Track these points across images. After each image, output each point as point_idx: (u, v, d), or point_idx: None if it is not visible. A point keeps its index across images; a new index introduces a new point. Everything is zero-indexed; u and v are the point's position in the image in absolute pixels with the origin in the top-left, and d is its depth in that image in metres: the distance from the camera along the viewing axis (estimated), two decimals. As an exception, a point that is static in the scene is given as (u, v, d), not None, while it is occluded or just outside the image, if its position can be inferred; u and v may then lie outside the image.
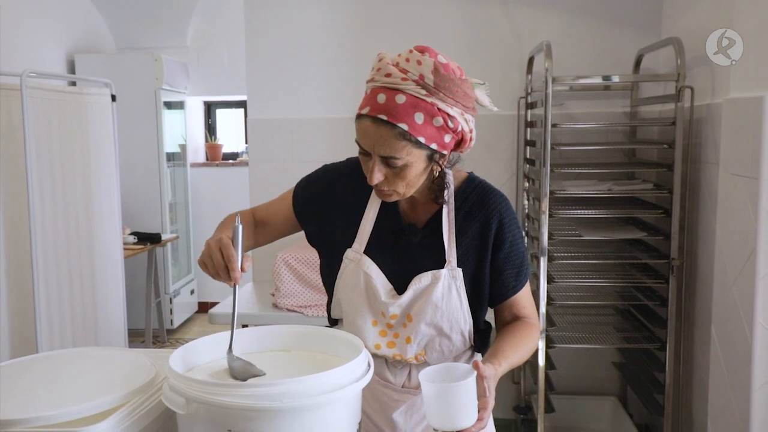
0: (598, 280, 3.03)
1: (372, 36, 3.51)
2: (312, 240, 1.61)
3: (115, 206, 3.83)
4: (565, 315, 3.25)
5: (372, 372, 1.21)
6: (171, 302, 5.41)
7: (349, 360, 1.18)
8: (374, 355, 1.51)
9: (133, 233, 4.72)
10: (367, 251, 1.49)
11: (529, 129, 3.32)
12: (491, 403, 1.25)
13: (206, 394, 1.08)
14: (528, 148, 3.34)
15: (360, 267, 1.48)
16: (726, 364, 2.18)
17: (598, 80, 3.04)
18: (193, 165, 5.96)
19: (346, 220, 1.52)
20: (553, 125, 2.82)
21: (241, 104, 6.02)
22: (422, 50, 1.35)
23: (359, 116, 1.35)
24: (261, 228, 1.62)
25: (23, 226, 3.09)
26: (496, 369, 1.31)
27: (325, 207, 1.55)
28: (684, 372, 2.85)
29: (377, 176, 1.36)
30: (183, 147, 5.77)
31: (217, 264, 1.33)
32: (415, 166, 1.35)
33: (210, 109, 6.32)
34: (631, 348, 3.12)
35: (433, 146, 1.34)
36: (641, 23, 3.30)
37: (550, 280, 2.86)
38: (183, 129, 5.80)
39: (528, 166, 3.30)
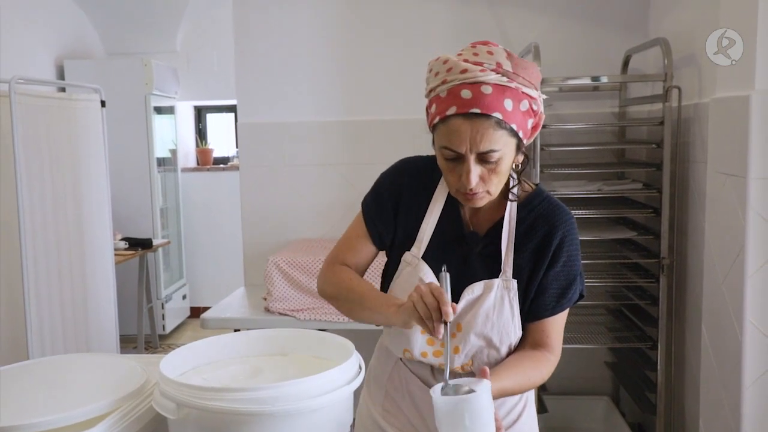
0: (589, 280, 3.03)
1: (360, 39, 3.51)
2: (384, 248, 1.56)
3: (106, 212, 3.82)
4: (556, 315, 3.25)
5: (363, 374, 1.21)
6: (163, 307, 5.39)
7: (340, 363, 1.19)
8: (419, 363, 1.48)
9: (124, 239, 4.71)
10: (425, 256, 1.45)
11: (518, 130, 3.32)
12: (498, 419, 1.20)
13: (197, 399, 1.08)
14: (518, 149, 3.35)
15: (416, 272, 1.44)
16: (717, 361, 2.19)
17: (586, 81, 3.05)
18: (184, 170, 5.95)
19: (407, 223, 1.49)
20: (543, 126, 2.83)
21: (232, 108, 6.01)
22: (484, 43, 1.33)
23: (445, 119, 1.29)
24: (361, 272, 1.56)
25: (13, 232, 3.07)
26: None
27: (392, 215, 1.51)
28: (676, 370, 2.87)
29: (474, 178, 1.31)
30: (173, 152, 5.75)
31: (430, 304, 1.24)
32: (508, 157, 1.32)
33: (200, 113, 6.31)
34: (623, 347, 3.13)
35: (520, 133, 1.32)
36: (628, 24, 3.32)
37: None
38: (173, 134, 5.79)
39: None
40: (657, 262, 2.80)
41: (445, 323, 1.23)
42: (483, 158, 1.30)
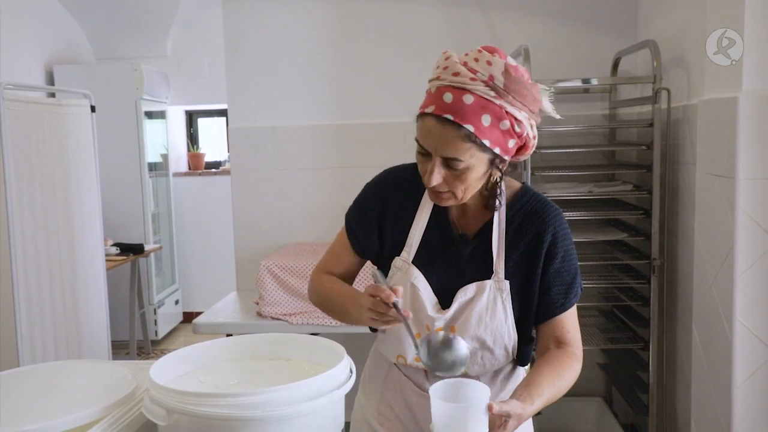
0: (581, 281, 3.04)
1: (352, 43, 3.52)
2: (377, 263, 1.56)
3: (97, 217, 3.81)
4: (549, 317, 3.26)
5: (354, 378, 1.21)
6: (155, 313, 5.38)
7: (331, 367, 1.19)
8: (414, 368, 1.49)
9: (116, 244, 4.69)
10: (416, 261, 1.44)
11: (509, 133, 3.33)
12: None
13: (187, 405, 1.07)
14: (509, 151, 3.36)
15: (407, 277, 1.43)
16: (707, 361, 2.20)
17: (576, 83, 3.06)
18: (176, 174, 5.94)
19: (396, 228, 1.48)
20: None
21: (223, 113, 6.01)
22: (492, 51, 1.29)
23: (422, 114, 1.30)
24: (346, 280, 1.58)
25: (2, 238, 3.06)
26: (525, 408, 1.23)
27: (375, 228, 1.51)
28: (667, 371, 2.87)
29: (436, 178, 1.31)
30: (165, 156, 5.74)
31: (375, 302, 1.30)
32: (476, 169, 1.31)
33: (192, 118, 6.30)
34: (615, 348, 3.14)
35: (497, 150, 1.29)
36: (618, 26, 3.34)
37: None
38: (164, 138, 5.77)
39: (509, 169, 3.31)
40: (648, 264, 2.81)
41: (395, 306, 1.27)
42: (448, 163, 1.30)
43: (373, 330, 1.59)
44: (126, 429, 1.16)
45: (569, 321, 1.46)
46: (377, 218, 1.50)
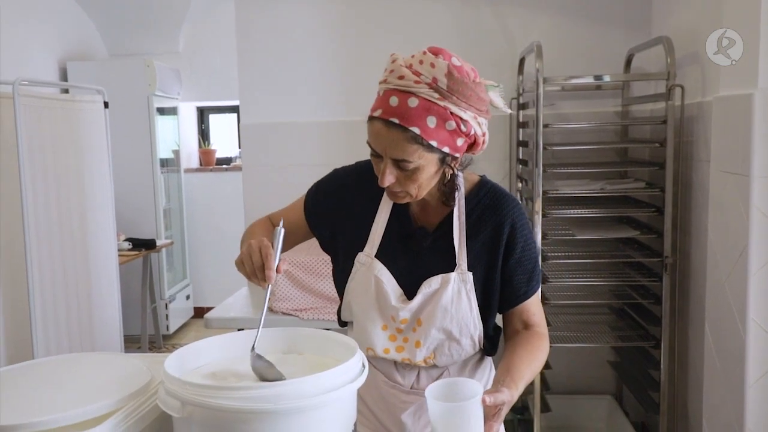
0: (593, 279, 3.04)
1: (363, 39, 3.52)
2: (324, 246, 1.61)
3: (110, 213, 3.83)
4: (559, 314, 3.26)
5: (366, 373, 1.22)
6: (167, 308, 5.41)
7: (343, 361, 1.19)
8: (383, 359, 1.52)
9: (128, 239, 4.72)
10: (378, 255, 1.49)
11: (521, 129, 3.33)
12: (496, 427, 1.24)
13: (202, 397, 1.08)
14: (520, 148, 3.35)
15: (371, 271, 1.48)
16: (720, 360, 2.19)
17: (589, 80, 3.05)
18: (187, 170, 5.97)
19: (358, 224, 1.52)
20: (545, 125, 2.83)
21: (234, 109, 6.03)
22: (436, 52, 1.33)
23: (371, 118, 1.34)
24: None
25: (17, 234, 3.08)
26: (512, 395, 1.28)
27: (336, 212, 1.55)
28: (679, 369, 2.86)
29: (389, 179, 1.35)
30: (176, 152, 5.77)
31: (255, 263, 1.32)
32: (427, 169, 1.35)
33: (203, 114, 6.32)
34: (626, 346, 3.12)
35: (445, 149, 1.33)
36: (631, 23, 3.32)
37: (544, 279, 2.87)
38: (176, 135, 5.80)
39: (521, 166, 3.31)
40: (660, 261, 2.80)
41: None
42: (399, 164, 1.34)
43: (343, 325, 1.63)
44: (141, 420, 1.17)
45: (534, 305, 1.51)
46: (334, 203, 1.55)
